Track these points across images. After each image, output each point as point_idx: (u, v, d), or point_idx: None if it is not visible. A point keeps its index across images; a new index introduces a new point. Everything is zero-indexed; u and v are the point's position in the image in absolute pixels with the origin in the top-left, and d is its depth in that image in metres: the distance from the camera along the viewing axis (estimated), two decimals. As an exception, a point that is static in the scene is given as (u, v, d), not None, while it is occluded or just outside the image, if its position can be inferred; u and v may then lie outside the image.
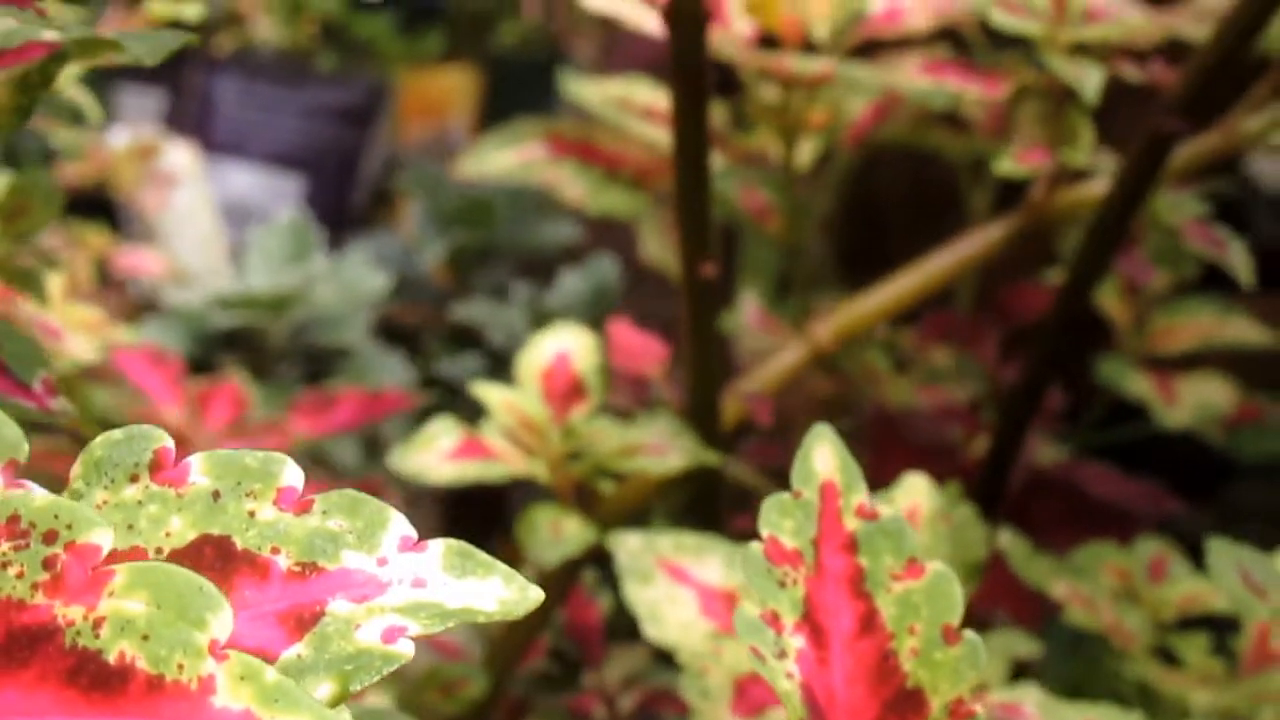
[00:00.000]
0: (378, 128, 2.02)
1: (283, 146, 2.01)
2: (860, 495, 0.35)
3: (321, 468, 1.07)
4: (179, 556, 0.26)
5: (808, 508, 0.35)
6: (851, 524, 0.35)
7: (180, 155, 1.62)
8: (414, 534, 0.26)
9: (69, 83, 0.63)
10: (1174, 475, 1.02)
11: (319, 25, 2.02)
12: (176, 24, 0.70)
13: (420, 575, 0.26)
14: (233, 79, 2.04)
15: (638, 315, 1.21)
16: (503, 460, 0.62)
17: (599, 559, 0.66)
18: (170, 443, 0.27)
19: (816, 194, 1.03)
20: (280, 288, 1.08)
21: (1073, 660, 0.78)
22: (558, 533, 0.63)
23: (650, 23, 0.84)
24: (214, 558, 0.26)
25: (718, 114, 0.94)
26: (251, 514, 0.27)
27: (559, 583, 0.68)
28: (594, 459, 0.64)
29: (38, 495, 0.24)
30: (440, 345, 1.13)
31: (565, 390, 0.65)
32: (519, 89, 2.40)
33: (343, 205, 1.88)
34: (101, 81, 1.62)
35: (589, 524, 0.63)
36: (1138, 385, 0.91)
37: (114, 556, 0.24)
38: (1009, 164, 0.66)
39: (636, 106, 0.97)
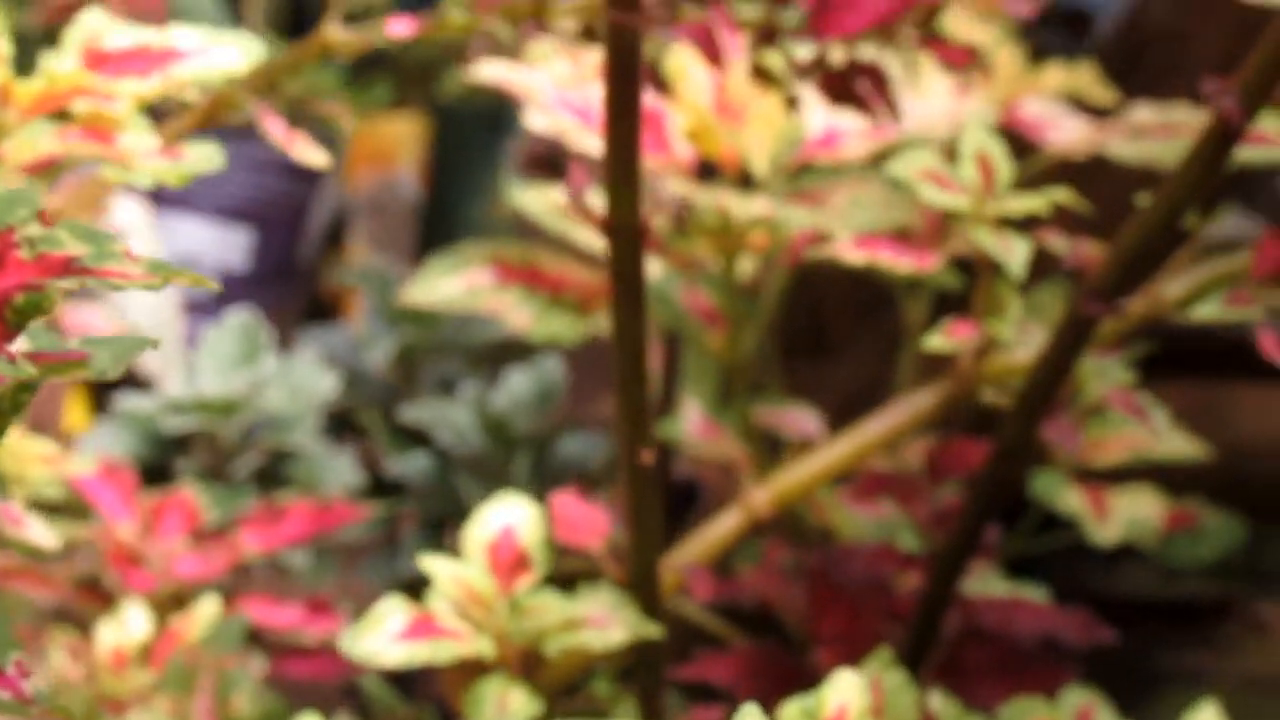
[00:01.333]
0: (326, 179, 2.03)
1: (231, 200, 2.01)
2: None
3: (274, 571, 1.09)
4: None
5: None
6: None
7: (129, 209, 1.62)
8: None
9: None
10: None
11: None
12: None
13: None
14: (180, 132, 2.04)
15: (584, 414, 1.23)
16: (452, 640, 0.64)
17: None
18: None
19: (758, 299, 1.05)
20: (231, 392, 1.09)
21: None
22: (504, 707, 0.65)
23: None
24: None
25: (657, 220, 0.95)
26: None
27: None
28: (539, 632, 0.66)
29: None
30: (390, 441, 1.15)
31: (511, 564, 0.67)
32: (466, 137, 2.41)
33: (291, 257, 1.89)
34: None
35: (535, 695, 0.66)
36: (1070, 501, 0.94)
37: None
38: (938, 340, 0.69)
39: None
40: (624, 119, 0.63)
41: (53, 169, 0.66)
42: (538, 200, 1.02)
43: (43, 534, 0.67)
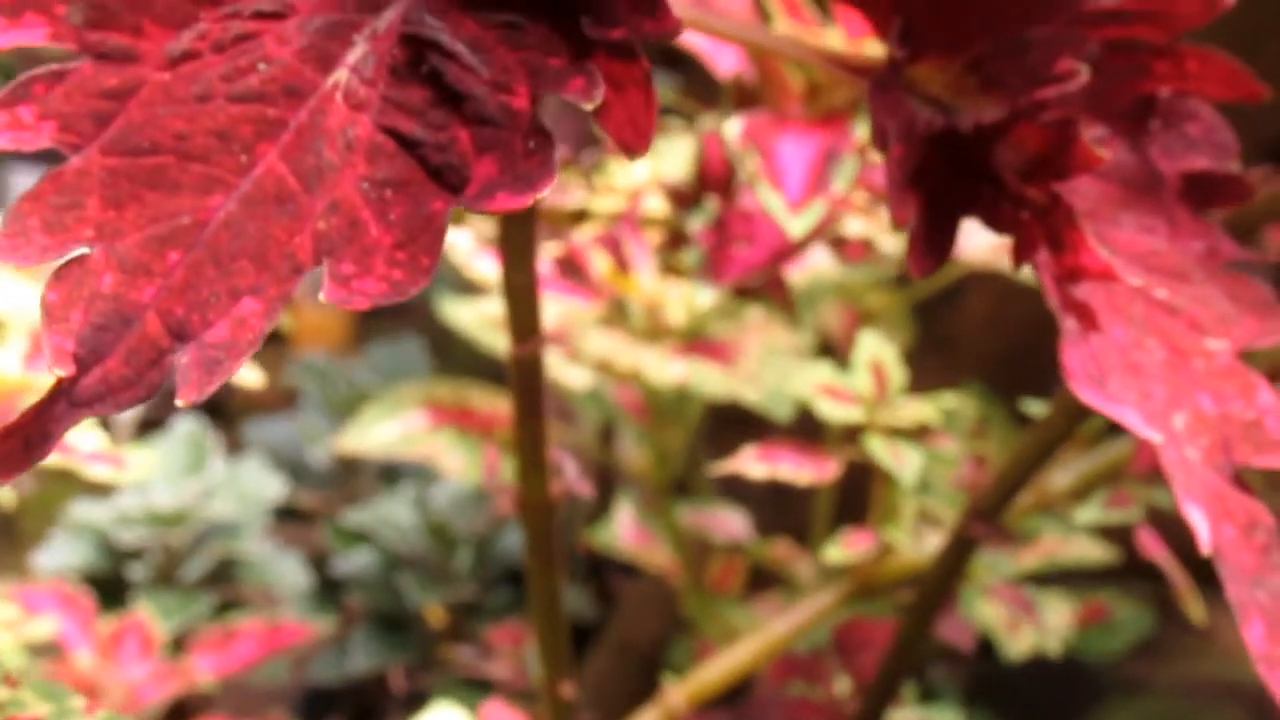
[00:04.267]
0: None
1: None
2: None
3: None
4: None
5: None
6: None
7: None
8: None
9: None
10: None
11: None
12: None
13: None
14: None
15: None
16: None
17: None
18: None
19: (686, 403, 1.09)
20: (181, 502, 1.13)
21: None
22: None
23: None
24: None
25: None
26: None
27: None
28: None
29: None
30: (335, 536, 1.19)
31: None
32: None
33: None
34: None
35: None
36: (985, 614, 0.99)
37: None
38: (836, 551, 0.73)
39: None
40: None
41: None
42: (470, 314, 1.05)
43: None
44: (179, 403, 0.34)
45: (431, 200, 0.35)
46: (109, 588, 1.15)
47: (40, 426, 0.33)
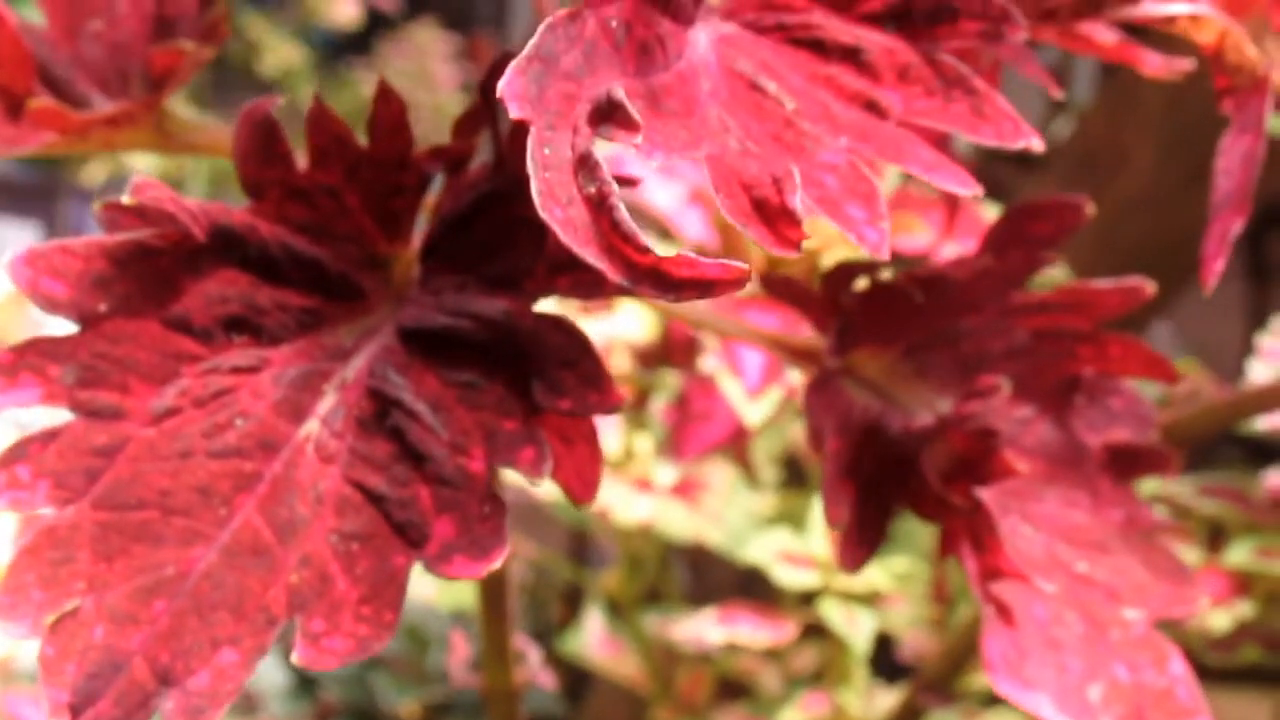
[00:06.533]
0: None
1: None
2: None
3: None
4: None
5: None
6: None
7: None
8: None
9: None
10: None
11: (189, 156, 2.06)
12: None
13: None
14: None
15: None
16: None
17: None
18: None
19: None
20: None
21: None
22: None
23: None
24: None
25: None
26: None
27: None
28: None
29: None
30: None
31: None
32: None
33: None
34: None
35: None
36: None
37: None
38: (792, 714, 0.77)
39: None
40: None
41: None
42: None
43: None
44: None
45: (395, 555, 0.38)
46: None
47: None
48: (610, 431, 0.85)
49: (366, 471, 0.39)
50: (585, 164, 0.32)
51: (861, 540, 0.46)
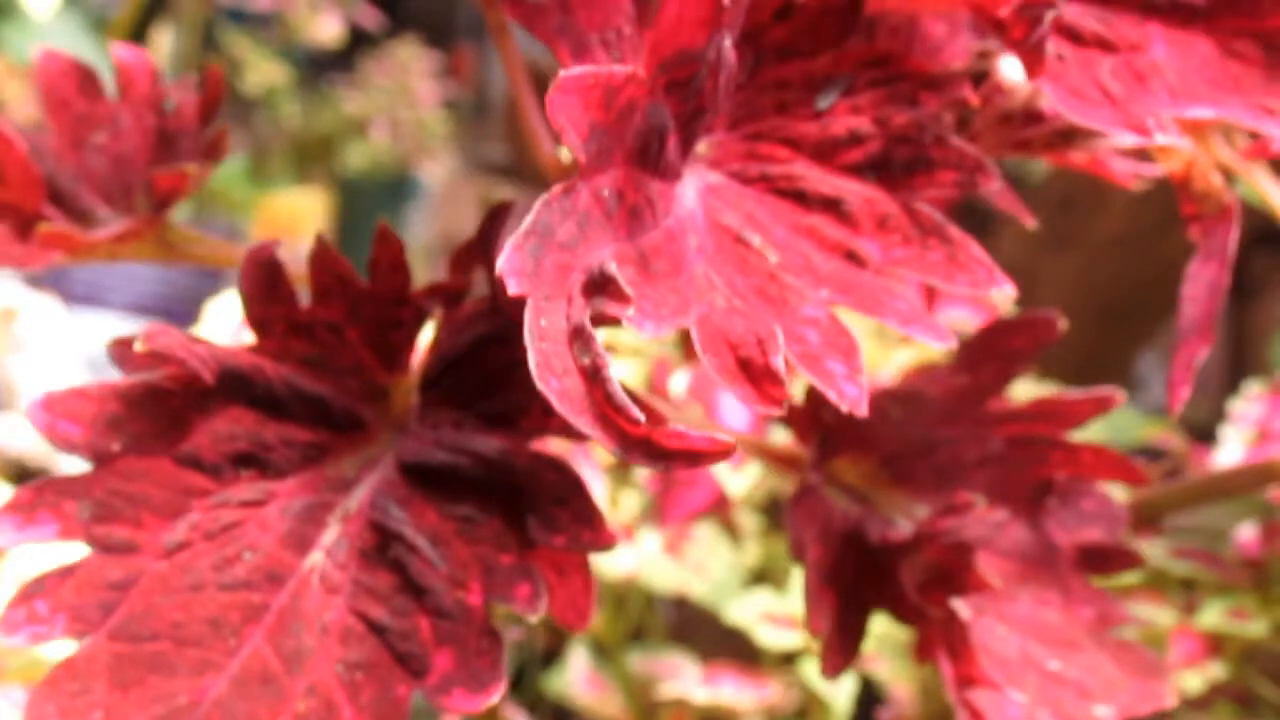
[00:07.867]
0: (233, 272, 2.09)
1: (141, 297, 2.07)
2: None
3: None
4: None
5: None
6: None
7: (44, 309, 1.68)
8: None
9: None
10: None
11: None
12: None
13: None
14: (88, 237, 2.09)
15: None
16: None
17: None
18: None
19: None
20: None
21: None
22: None
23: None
24: None
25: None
26: None
27: None
28: None
29: None
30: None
31: None
32: (369, 206, 2.47)
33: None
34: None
35: None
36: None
37: None
38: (774, 772, 0.79)
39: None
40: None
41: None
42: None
43: None
44: None
45: (397, 685, 0.40)
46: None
47: None
48: (596, 481, 0.87)
49: (369, 603, 0.40)
50: (580, 336, 0.33)
51: (843, 648, 0.47)
